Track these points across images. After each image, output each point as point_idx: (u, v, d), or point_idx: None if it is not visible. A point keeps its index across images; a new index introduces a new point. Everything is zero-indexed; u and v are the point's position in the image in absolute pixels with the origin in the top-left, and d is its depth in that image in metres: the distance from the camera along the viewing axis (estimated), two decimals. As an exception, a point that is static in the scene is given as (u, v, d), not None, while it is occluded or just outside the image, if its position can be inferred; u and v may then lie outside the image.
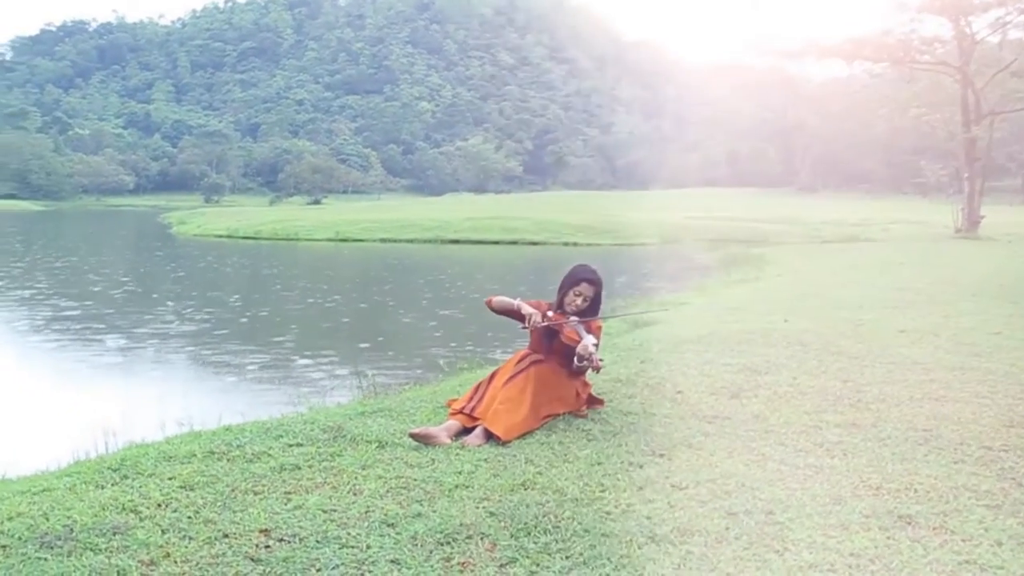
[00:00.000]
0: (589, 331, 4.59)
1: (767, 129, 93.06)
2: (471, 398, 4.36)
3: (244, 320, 14.72)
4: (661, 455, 3.84)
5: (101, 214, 74.46)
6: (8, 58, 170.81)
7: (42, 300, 16.85)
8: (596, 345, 4.58)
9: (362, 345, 12.15)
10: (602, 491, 3.36)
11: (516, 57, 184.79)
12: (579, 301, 4.66)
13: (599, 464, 3.71)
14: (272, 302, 17.22)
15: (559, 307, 4.71)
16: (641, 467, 3.67)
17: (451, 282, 20.62)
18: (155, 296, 18.08)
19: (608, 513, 3.12)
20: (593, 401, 4.73)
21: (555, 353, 4.58)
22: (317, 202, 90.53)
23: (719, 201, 55.53)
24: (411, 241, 35.66)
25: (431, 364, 9.36)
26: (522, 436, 4.14)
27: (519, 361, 4.44)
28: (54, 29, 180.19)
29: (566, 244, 33.79)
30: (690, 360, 6.08)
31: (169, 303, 16.78)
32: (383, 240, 36.46)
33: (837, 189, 72.16)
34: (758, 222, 35.69)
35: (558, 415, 4.47)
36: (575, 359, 4.42)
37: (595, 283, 4.69)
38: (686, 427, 4.31)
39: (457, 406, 4.35)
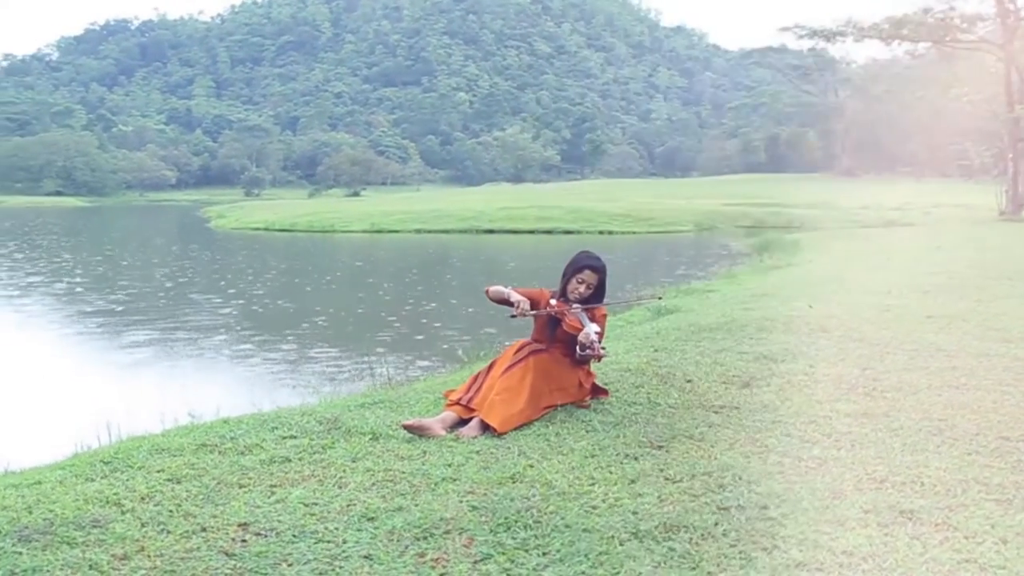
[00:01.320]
0: (593, 319, 4.47)
1: (807, 114, 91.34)
2: (468, 389, 4.26)
3: (270, 311, 14.79)
4: (660, 447, 3.71)
5: (143, 209, 75.72)
6: (55, 58, 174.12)
7: (77, 294, 17.13)
8: (600, 333, 4.45)
9: (383, 335, 12.13)
10: (591, 484, 3.25)
11: (553, 46, 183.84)
12: (582, 289, 4.53)
13: (593, 456, 3.59)
14: (300, 293, 17.29)
15: (562, 295, 4.58)
16: (636, 459, 3.54)
17: (482, 272, 20.57)
18: (187, 288, 18.26)
19: (594, 507, 3.01)
20: (597, 391, 4.61)
21: (558, 342, 4.47)
22: (356, 194, 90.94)
23: (757, 187, 54.69)
24: (446, 231, 35.65)
25: (450, 355, 9.28)
26: (519, 427, 4.04)
27: (518, 350, 4.32)
28: (98, 28, 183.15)
29: (601, 233, 33.52)
30: (705, 348, 5.93)
31: (199, 295, 16.93)
32: (418, 231, 36.50)
33: (878, 173, 70.62)
34: (796, 208, 35.07)
35: (560, 406, 4.35)
36: (577, 348, 4.31)
37: (598, 270, 4.56)
38: (691, 417, 4.18)
39: (454, 397, 4.26)
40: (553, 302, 4.54)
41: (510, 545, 2.72)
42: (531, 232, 34.09)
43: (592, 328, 4.25)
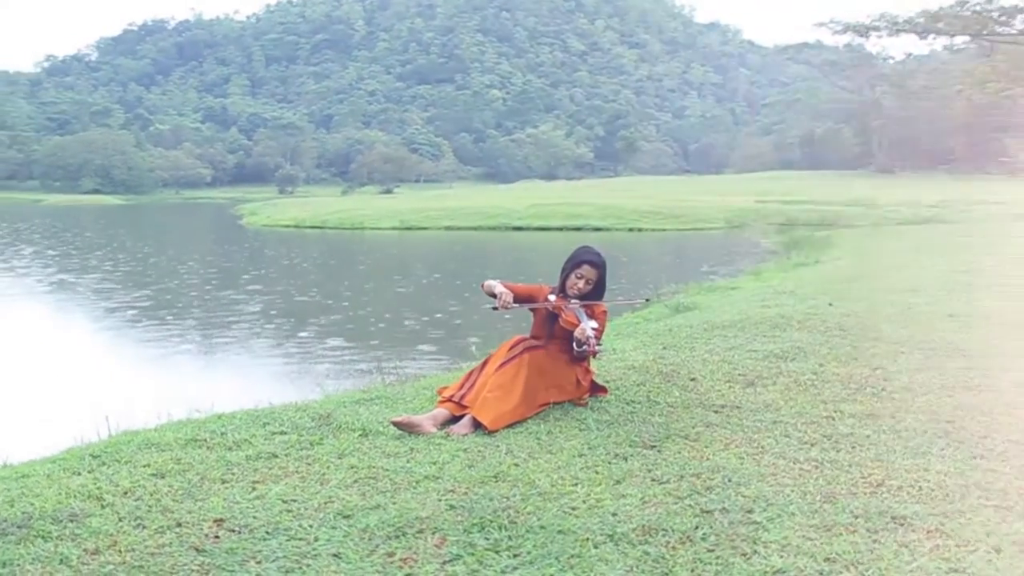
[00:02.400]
0: (593, 315, 4.37)
1: (843, 110, 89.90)
2: (462, 386, 4.19)
3: (287, 306, 14.85)
4: (652, 446, 3.61)
5: (178, 207, 76.76)
6: (94, 58, 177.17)
7: (102, 290, 17.34)
8: (598, 330, 4.36)
9: (400, 331, 12.12)
10: (574, 485, 3.15)
11: (586, 43, 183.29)
12: (581, 284, 4.43)
13: (581, 456, 3.50)
14: (319, 289, 17.36)
15: (561, 290, 4.49)
16: (625, 459, 3.44)
17: (507, 268, 20.47)
18: (209, 284, 18.42)
19: (573, 508, 2.92)
20: (596, 389, 4.51)
21: (556, 338, 4.38)
22: (389, 191, 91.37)
23: (792, 184, 54.05)
24: (475, 228, 35.64)
25: (464, 351, 9.20)
26: (512, 425, 3.95)
27: (512, 347, 4.23)
28: (136, 29, 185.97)
29: (630, 230, 33.32)
30: (716, 346, 5.80)
31: (221, 291, 17.07)
32: (447, 228, 36.54)
33: (916, 170, 69.28)
34: (830, 205, 34.54)
35: (556, 403, 4.27)
36: (574, 344, 4.21)
37: (598, 265, 4.45)
38: (689, 417, 4.06)
39: (447, 394, 4.19)
40: (552, 298, 4.45)
41: (482, 546, 2.65)
42: (560, 229, 33.92)
43: (588, 324, 4.16)
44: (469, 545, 2.66)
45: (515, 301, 4.40)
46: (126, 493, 3.28)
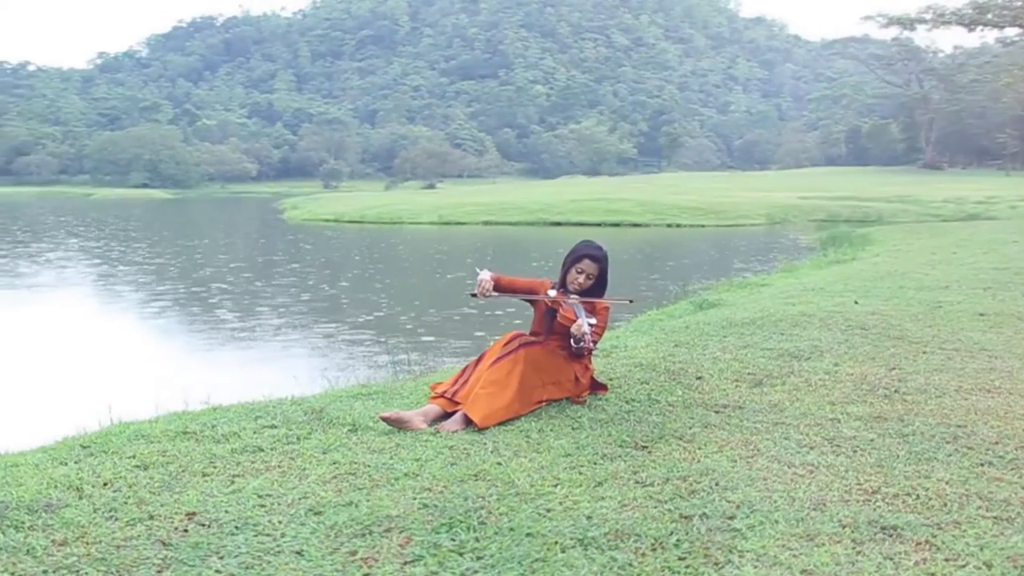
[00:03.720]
0: (593, 312, 4.26)
1: (890, 105, 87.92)
2: (455, 381, 4.10)
3: (318, 298, 14.91)
4: (643, 447, 3.49)
5: (223, 201, 77.86)
6: (144, 55, 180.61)
7: (139, 281, 17.61)
8: (599, 327, 4.25)
9: (420, 325, 12.08)
10: (554, 486, 3.05)
11: (630, 38, 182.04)
12: (582, 279, 4.31)
13: (568, 455, 3.39)
14: (352, 282, 17.42)
15: (561, 285, 4.38)
16: (613, 460, 3.33)
17: (540, 263, 20.35)
18: (246, 276, 18.60)
19: (548, 510, 2.81)
20: (596, 386, 4.39)
21: (555, 334, 4.27)
22: (431, 186, 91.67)
23: (836, 180, 53.07)
24: (513, 224, 35.57)
25: (483, 346, 9.13)
26: (504, 423, 3.86)
27: (508, 342, 4.13)
28: (185, 26, 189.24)
29: (669, 226, 32.99)
30: (729, 344, 5.64)
31: (256, 283, 17.22)
32: (486, 223, 36.54)
33: (965, 166, 67.50)
34: (874, 201, 33.80)
35: (553, 401, 4.16)
36: (571, 340, 4.11)
37: (598, 260, 4.33)
38: (688, 416, 3.93)
39: (440, 390, 4.10)
40: (552, 292, 4.34)
41: (446, 547, 2.56)
42: (598, 225, 33.69)
43: (585, 320, 4.04)
44: (434, 546, 2.57)
45: (514, 293, 4.30)
46: (106, 484, 3.26)
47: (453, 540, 2.60)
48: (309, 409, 4.16)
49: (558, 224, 34.39)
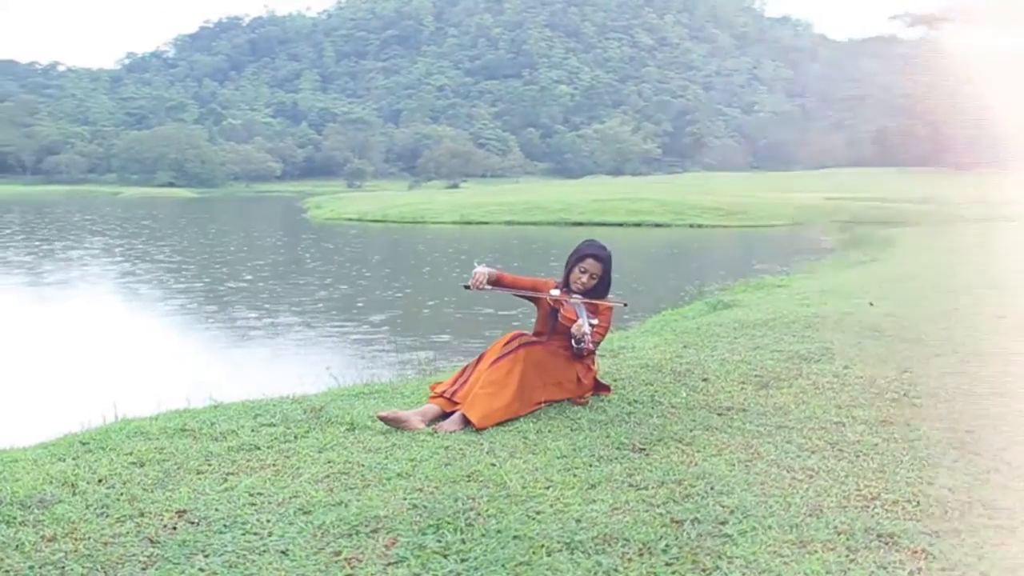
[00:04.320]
0: (596, 312, 4.21)
1: (917, 105, 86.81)
2: (455, 381, 4.06)
3: (334, 298, 14.94)
4: (641, 449, 3.43)
5: (248, 200, 78.47)
6: (171, 55, 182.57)
7: (158, 278, 17.75)
8: (603, 327, 4.21)
9: (432, 323, 12.08)
10: (546, 488, 3.00)
11: (655, 37, 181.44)
12: (585, 278, 4.26)
13: (564, 457, 3.34)
14: (369, 280, 17.44)
15: (565, 285, 4.33)
16: (610, 462, 3.28)
17: (559, 263, 20.28)
18: (264, 274, 18.70)
19: (538, 513, 2.77)
20: (599, 387, 4.34)
21: (559, 334, 4.22)
22: (455, 186, 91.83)
23: (862, 181, 52.54)
24: (535, 223, 35.51)
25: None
26: (503, 423, 3.82)
27: (508, 342, 4.08)
28: (211, 26, 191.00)
29: (691, 226, 32.79)
30: (739, 345, 5.57)
31: (273, 281, 17.30)
32: (507, 223, 36.52)
33: (994, 168, 66.55)
34: (899, 202, 33.40)
35: (554, 402, 4.11)
36: (572, 341, 4.06)
37: (602, 259, 4.28)
38: (690, 419, 3.87)
39: (439, 389, 4.06)
40: (556, 292, 4.30)
41: (431, 549, 2.52)
42: (620, 225, 33.57)
43: (585, 320, 4.00)
44: (419, 547, 2.54)
45: (511, 289, 4.27)
46: (100, 481, 3.26)
47: (439, 542, 2.57)
48: (309, 408, 4.15)
49: (579, 224, 34.27)
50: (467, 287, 4.20)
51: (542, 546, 2.51)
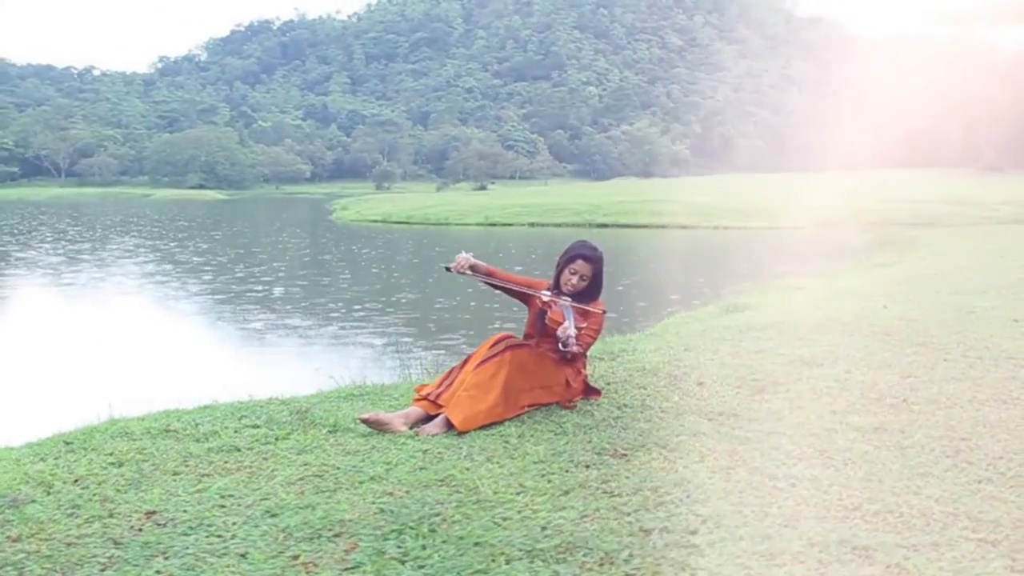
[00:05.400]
0: (587, 314, 4.13)
1: (949, 106, 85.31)
2: (440, 383, 4.00)
3: (347, 298, 14.96)
4: (622, 455, 3.35)
5: (277, 201, 79.06)
6: (203, 58, 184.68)
7: (183, 279, 17.91)
8: (594, 330, 4.13)
9: (443, 326, 12.04)
10: (518, 494, 2.93)
11: (684, 39, 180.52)
12: (575, 280, 4.19)
13: (542, 462, 3.27)
14: (384, 281, 17.46)
15: (555, 286, 4.26)
16: (587, 468, 3.20)
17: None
18: (281, 274, 18.79)
19: (505, 519, 2.70)
20: (589, 391, 4.25)
21: (549, 336, 4.15)
22: (483, 188, 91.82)
23: (893, 183, 51.73)
24: (559, 225, 35.36)
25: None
26: (486, 427, 3.75)
27: (494, 344, 4.02)
28: (243, 29, 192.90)
29: (715, 228, 32.46)
30: (743, 348, 5.45)
31: (291, 281, 17.37)
32: (532, 224, 36.41)
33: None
34: (929, 203, 32.79)
35: (541, 405, 4.04)
36: (559, 343, 3.98)
37: (592, 260, 4.20)
38: (678, 424, 3.78)
39: (424, 392, 4.00)
40: (547, 293, 4.22)
41: (390, 554, 2.47)
42: (644, 227, 33.38)
43: (571, 323, 3.92)
44: (378, 553, 2.48)
45: (491, 278, 4.20)
46: (76, 481, 3.25)
47: (399, 547, 2.51)
48: (296, 409, 4.11)
49: (604, 226, 34.11)
50: (448, 268, 4.16)
51: (502, 554, 2.44)
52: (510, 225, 36.58)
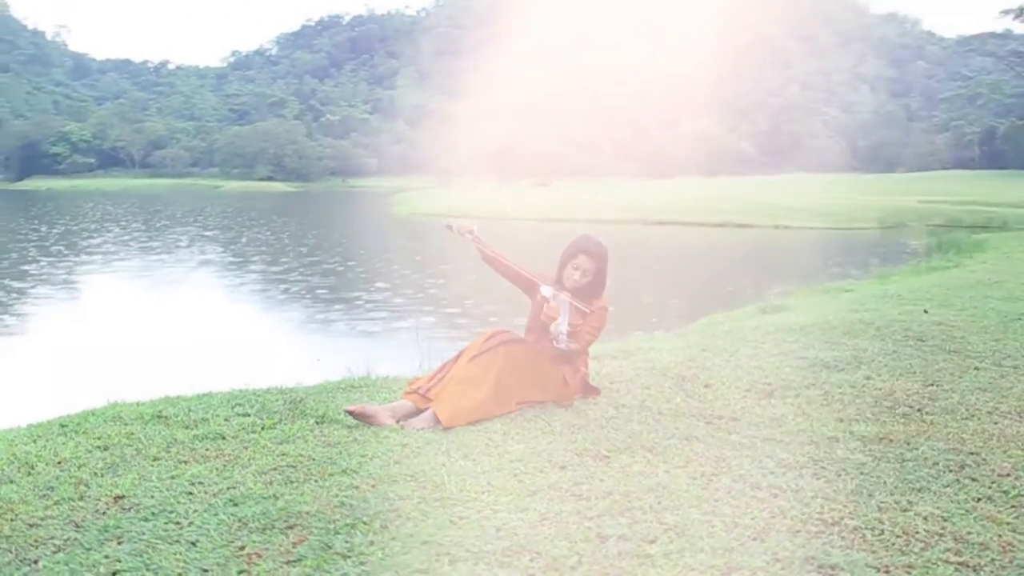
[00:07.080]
0: (589, 311, 4.02)
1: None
2: (433, 377, 3.93)
3: (380, 287, 15.03)
4: (604, 457, 3.23)
5: (341, 194, 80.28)
6: (273, 53, 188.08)
7: (233, 267, 18.24)
8: (592, 327, 4.01)
9: (474, 323, 11.98)
10: (482, 493, 2.84)
11: (753, 35, 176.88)
12: (577, 275, 4.08)
13: (519, 462, 3.17)
14: (425, 277, 17.51)
15: (557, 281, 4.15)
16: (563, 469, 3.09)
17: (622, 262, 19.91)
18: (329, 265, 18.99)
19: (461, 519, 2.62)
20: (588, 390, 4.14)
21: (548, 333, 4.05)
22: (545, 184, 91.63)
23: (964, 184, 50.02)
24: (614, 222, 35.08)
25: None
26: (475, 423, 3.67)
27: (489, 339, 3.93)
28: (313, 24, 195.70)
29: (776, 227, 31.79)
30: (764, 350, 5.26)
31: (334, 273, 17.54)
32: (587, 220, 36.17)
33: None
34: (999, 206, 31.56)
35: (536, 403, 3.94)
36: (553, 341, 3.88)
37: (595, 256, 4.08)
38: (673, 426, 3.64)
39: (415, 385, 3.94)
40: (548, 289, 4.12)
41: (336, 549, 2.40)
42: (701, 225, 32.89)
43: (565, 321, 3.81)
44: (324, 547, 2.42)
45: (495, 261, 4.14)
46: (59, 463, 3.28)
47: (346, 543, 2.45)
48: (291, 399, 4.08)
49: (661, 224, 33.74)
50: (449, 227, 4.22)
51: (448, 554, 2.36)
52: (566, 221, 36.39)
